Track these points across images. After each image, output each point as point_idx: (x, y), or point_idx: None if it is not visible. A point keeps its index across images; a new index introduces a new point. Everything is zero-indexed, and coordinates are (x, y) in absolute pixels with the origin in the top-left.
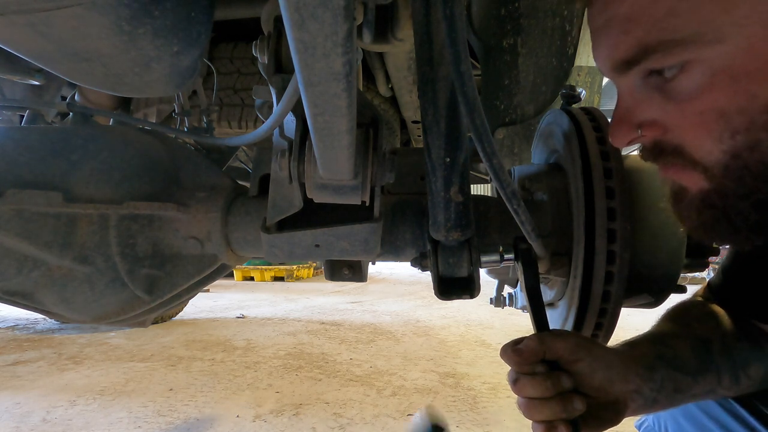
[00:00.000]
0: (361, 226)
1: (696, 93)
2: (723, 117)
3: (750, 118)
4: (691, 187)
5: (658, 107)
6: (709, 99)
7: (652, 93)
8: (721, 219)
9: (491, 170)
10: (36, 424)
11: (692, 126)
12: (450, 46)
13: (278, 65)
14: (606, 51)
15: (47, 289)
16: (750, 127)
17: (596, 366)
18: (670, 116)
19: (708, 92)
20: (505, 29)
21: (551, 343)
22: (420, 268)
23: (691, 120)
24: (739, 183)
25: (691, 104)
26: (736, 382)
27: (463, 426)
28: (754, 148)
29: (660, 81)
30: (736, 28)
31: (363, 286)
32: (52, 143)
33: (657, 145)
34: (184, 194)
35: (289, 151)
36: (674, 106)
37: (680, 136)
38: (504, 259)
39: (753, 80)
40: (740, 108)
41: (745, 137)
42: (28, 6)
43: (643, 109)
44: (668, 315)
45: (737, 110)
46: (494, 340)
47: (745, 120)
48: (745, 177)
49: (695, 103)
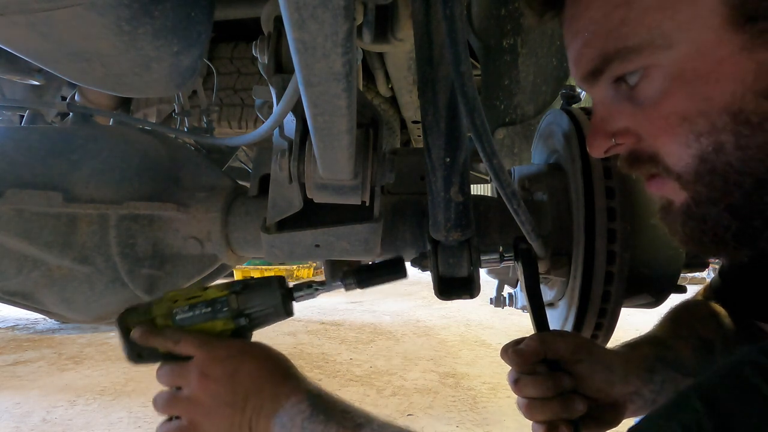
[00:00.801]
0: (361, 226)
1: (658, 98)
2: (686, 121)
3: (710, 120)
4: (675, 199)
5: (629, 115)
6: (670, 103)
7: (622, 101)
8: (705, 230)
9: (491, 170)
10: (36, 424)
11: (660, 131)
12: (450, 46)
13: (278, 65)
14: (574, 63)
15: (47, 289)
16: (711, 130)
17: (596, 367)
18: (639, 123)
19: (668, 97)
20: (505, 29)
21: (552, 343)
22: (420, 268)
23: (657, 125)
24: (710, 188)
25: (655, 109)
26: None
27: (463, 426)
28: (719, 150)
29: (627, 89)
30: (681, 32)
31: None
32: (52, 143)
33: (632, 154)
34: (184, 194)
35: (289, 151)
36: (641, 113)
37: (652, 143)
38: (504, 258)
39: (705, 83)
40: (699, 111)
41: (708, 140)
42: (28, 6)
43: (615, 118)
44: (670, 315)
45: (697, 113)
46: (494, 340)
47: (706, 122)
48: (714, 181)
49: (659, 108)
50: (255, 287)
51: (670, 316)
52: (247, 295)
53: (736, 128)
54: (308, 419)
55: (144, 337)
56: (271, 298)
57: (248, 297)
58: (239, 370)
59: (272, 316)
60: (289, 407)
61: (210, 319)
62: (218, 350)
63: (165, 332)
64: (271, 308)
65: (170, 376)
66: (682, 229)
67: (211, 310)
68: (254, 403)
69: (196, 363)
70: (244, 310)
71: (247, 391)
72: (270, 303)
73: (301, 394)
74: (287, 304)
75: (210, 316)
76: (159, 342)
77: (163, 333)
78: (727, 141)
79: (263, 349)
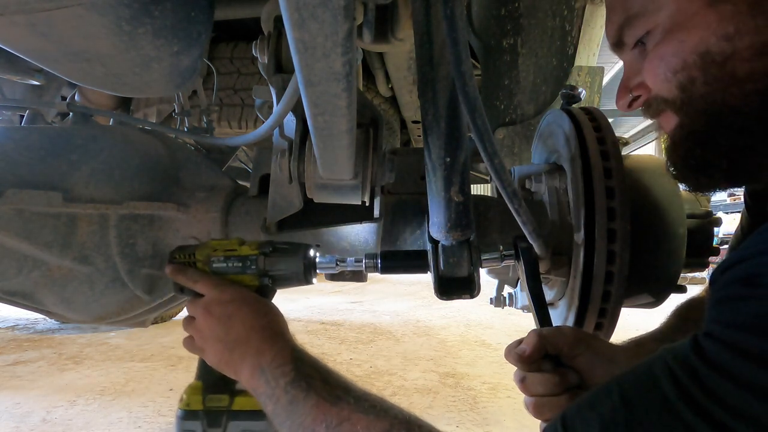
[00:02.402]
0: (361, 226)
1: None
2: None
3: (682, 59)
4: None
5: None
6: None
7: (640, 61)
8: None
9: (492, 170)
10: (36, 424)
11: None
12: (450, 46)
13: (278, 65)
14: (606, 36)
15: (47, 289)
16: (684, 66)
17: (596, 361)
18: (644, 73)
19: (658, 46)
20: (505, 29)
21: (551, 338)
22: None
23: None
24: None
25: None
26: None
27: (463, 426)
28: (692, 83)
29: (643, 50)
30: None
31: (363, 286)
32: (52, 143)
33: (646, 102)
34: (184, 194)
35: (289, 151)
36: (644, 65)
37: (653, 86)
38: (505, 258)
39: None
40: (674, 52)
41: (682, 75)
42: (28, 6)
43: (633, 76)
44: (676, 312)
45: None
46: (494, 340)
47: (680, 61)
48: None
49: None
50: (283, 252)
51: (676, 313)
52: (274, 258)
53: (704, 66)
54: (290, 384)
55: (173, 273)
56: (295, 265)
57: (275, 260)
58: (235, 315)
59: (294, 281)
60: (273, 366)
61: (239, 273)
62: (224, 294)
63: (188, 272)
64: (294, 274)
65: (189, 306)
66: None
67: (241, 265)
68: (241, 350)
69: (205, 300)
70: (269, 271)
71: (237, 336)
72: (293, 269)
73: (287, 356)
74: (309, 272)
75: (240, 270)
76: (182, 279)
77: (186, 272)
78: (697, 77)
79: (264, 305)
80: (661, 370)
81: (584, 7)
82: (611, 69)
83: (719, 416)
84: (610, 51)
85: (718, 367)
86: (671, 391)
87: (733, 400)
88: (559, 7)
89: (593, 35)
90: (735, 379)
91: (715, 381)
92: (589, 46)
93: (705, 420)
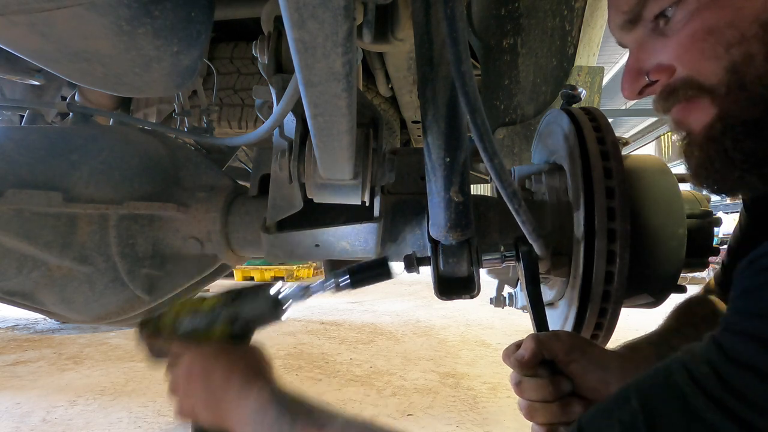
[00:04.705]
0: (361, 226)
1: (688, 19)
2: (712, 33)
3: (740, 30)
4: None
5: (662, 50)
6: (699, 20)
7: (656, 39)
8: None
9: (492, 170)
10: (36, 424)
11: (688, 50)
12: (450, 46)
13: (278, 65)
14: (614, 12)
15: (47, 289)
16: (742, 40)
17: (590, 367)
18: (671, 51)
19: (699, 14)
20: (505, 29)
21: (548, 343)
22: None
23: (686, 44)
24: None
25: (684, 30)
26: None
27: (463, 426)
28: (749, 62)
29: (663, 24)
30: None
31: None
32: (52, 143)
33: (667, 87)
34: (184, 194)
35: (289, 151)
36: (673, 41)
37: (684, 66)
38: (506, 259)
39: None
40: (728, 22)
41: (738, 50)
42: (28, 6)
43: (649, 56)
44: (673, 314)
45: (726, 24)
46: (494, 340)
47: (736, 33)
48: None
49: (687, 28)
50: (246, 295)
51: (673, 315)
52: (240, 302)
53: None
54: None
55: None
56: (260, 304)
57: (240, 305)
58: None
59: (265, 320)
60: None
61: (209, 327)
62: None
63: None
64: (262, 313)
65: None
66: (698, 153)
67: (207, 320)
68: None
69: (183, 362)
70: (238, 317)
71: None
72: (260, 309)
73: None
74: (277, 308)
75: (208, 325)
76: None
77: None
78: (758, 52)
79: (239, 350)
80: (678, 371)
81: (584, 7)
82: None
83: (742, 413)
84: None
85: (740, 361)
86: (691, 392)
87: (756, 396)
88: (559, 7)
89: (593, 35)
90: (759, 373)
91: (736, 376)
92: (589, 46)
93: (728, 418)
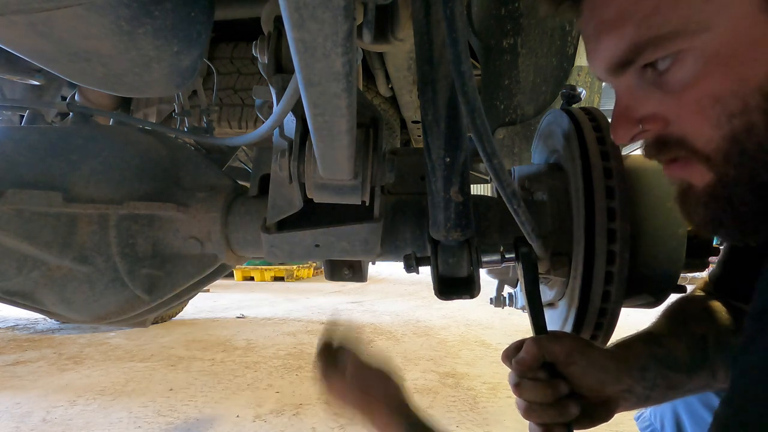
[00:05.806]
0: (361, 226)
1: (691, 81)
2: (719, 102)
3: (743, 100)
4: (697, 182)
5: (657, 101)
6: (703, 86)
7: (650, 88)
8: (727, 210)
9: (492, 170)
10: (36, 424)
11: (691, 114)
12: (450, 46)
13: (278, 65)
14: (601, 55)
15: (47, 289)
16: (744, 110)
17: (589, 369)
18: (669, 108)
19: (702, 79)
20: (505, 29)
21: (549, 346)
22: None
23: (689, 108)
24: (739, 169)
25: (687, 93)
26: None
27: (463, 426)
28: (750, 130)
29: (655, 75)
30: (718, 14)
31: (363, 286)
32: (52, 143)
33: (659, 139)
34: (184, 194)
35: (289, 151)
36: (671, 98)
37: (681, 126)
38: (505, 259)
39: (741, 62)
40: (733, 92)
41: (740, 120)
42: (28, 6)
43: (642, 105)
44: (666, 312)
45: (731, 94)
46: (494, 340)
47: (739, 103)
48: (744, 162)
49: (691, 92)
50: None
51: (665, 313)
52: None
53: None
54: None
55: None
56: None
57: None
58: None
59: None
60: None
61: None
62: None
63: None
64: None
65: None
66: (703, 210)
67: None
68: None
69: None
70: None
71: None
72: None
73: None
74: None
75: None
76: None
77: None
78: (759, 121)
79: None
80: None
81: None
82: None
83: None
84: None
85: None
86: None
87: None
88: None
89: None
90: None
91: None
92: None
93: None
